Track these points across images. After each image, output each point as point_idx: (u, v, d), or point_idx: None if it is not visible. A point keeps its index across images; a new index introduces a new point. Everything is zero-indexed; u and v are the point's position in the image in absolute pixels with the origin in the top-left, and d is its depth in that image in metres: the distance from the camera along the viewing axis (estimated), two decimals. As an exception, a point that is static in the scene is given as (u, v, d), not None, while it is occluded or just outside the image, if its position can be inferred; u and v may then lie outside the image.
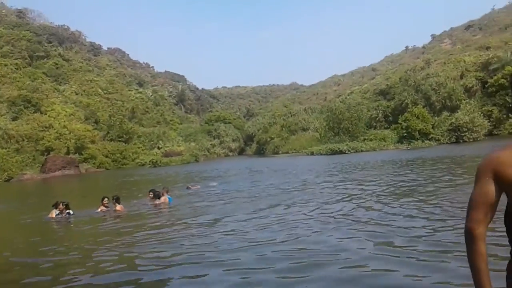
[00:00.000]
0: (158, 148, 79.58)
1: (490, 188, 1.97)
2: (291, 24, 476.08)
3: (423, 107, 60.93)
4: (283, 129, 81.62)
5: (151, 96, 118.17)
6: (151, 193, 16.09)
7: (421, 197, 11.96)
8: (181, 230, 10.07)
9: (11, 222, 15.31)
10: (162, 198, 15.54)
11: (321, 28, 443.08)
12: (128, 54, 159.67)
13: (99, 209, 14.31)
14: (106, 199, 14.62)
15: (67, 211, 13.83)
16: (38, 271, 7.39)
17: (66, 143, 66.14)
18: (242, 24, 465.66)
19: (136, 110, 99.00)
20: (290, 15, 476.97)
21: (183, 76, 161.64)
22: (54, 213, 13.64)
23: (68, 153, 64.56)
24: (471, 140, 52.49)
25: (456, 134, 54.76)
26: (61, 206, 13.77)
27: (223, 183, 23.16)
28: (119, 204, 14.41)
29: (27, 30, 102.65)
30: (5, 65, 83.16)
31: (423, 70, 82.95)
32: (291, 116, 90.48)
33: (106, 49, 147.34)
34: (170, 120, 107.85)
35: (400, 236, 7.67)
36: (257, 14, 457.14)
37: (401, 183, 15.77)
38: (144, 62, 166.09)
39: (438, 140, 55.08)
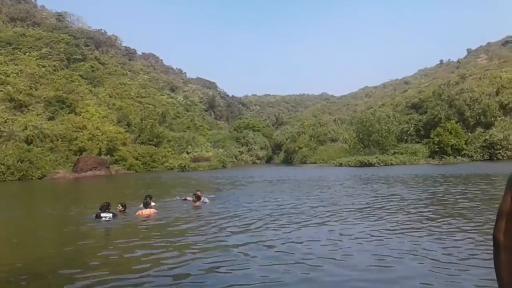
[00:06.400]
0: (187, 153, 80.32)
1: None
2: (323, 35, 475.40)
3: (456, 122, 59.85)
4: (312, 139, 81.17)
5: (182, 101, 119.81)
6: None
7: None
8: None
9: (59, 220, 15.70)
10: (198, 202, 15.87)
11: (353, 40, 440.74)
12: (161, 60, 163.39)
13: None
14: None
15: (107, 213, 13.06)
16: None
17: (98, 144, 67.59)
18: (274, 35, 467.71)
19: (167, 115, 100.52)
20: (323, 27, 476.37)
21: (214, 83, 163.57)
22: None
23: (100, 154, 65.88)
24: (505, 157, 51.23)
25: (490, 151, 53.63)
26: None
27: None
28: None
29: (66, 33, 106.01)
30: (43, 66, 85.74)
31: (458, 85, 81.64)
32: (320, 126, 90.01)
33: (140, 54, 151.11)
34: (200, 126, 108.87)
35: None
36: (289, 27, 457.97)
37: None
38: (177, 68, 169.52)
39: (471, 156, 53.96)
